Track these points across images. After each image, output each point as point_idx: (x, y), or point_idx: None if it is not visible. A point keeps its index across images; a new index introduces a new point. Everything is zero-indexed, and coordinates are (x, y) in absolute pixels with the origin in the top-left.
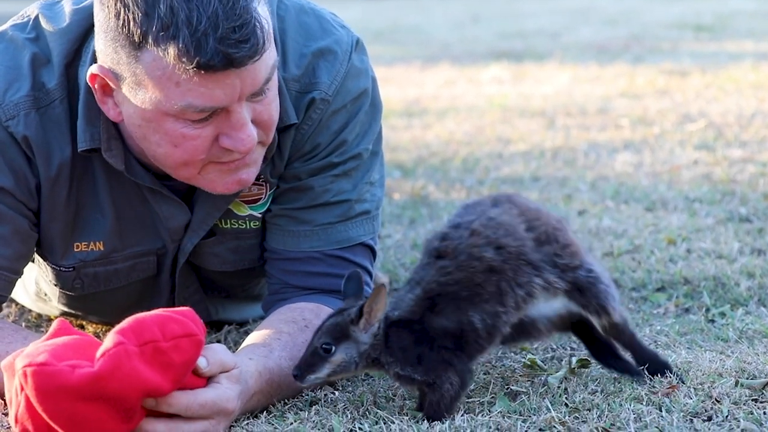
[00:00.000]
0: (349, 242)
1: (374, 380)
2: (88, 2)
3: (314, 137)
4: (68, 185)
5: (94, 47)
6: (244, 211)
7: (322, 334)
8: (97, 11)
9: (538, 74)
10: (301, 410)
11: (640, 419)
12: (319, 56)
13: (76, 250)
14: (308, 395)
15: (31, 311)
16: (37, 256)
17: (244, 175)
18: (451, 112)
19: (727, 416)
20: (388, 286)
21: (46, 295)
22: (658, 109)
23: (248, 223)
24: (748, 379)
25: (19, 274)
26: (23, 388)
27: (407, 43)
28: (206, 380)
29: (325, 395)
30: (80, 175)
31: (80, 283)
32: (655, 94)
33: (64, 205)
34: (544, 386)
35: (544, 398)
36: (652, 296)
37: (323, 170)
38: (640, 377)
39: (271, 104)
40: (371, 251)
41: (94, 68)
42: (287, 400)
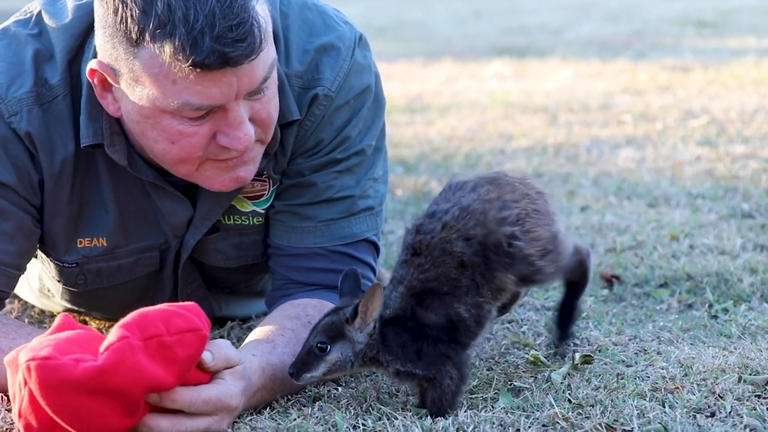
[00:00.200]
0: (352, 238)
1: (377, 376)
2: None
3: (317, 133)
4: (71, 181)
5: None
6: (247, 207)
7: (317, 333)
8: (96, 7)
9: (540, 70)
10: (304, 406)
11: (643, 415)
12: (322, 52)
13: (79, 245)
14: (311, 391)
15: (33, 307)
16: (39, 252)
17: (242, 172)
18: (453, 108)
19: (730, 412)
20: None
21: (49, 291)
22: (660, 105)
23: (251, 219)
24: (751, 375)
25: (22, 270)
26: (27, 382)
27: (409, 39)
28: (210, 375)
29: (328, 391)
30: (83, 170)
31: (83, 279)
32: (657, 90)
33: (67, 201)
34: (547, 382)
35: (547, 394)
36: (654, 292)
37: (326, 166)
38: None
39: (269, 103)
40: (375, 247)
41: (92, 63)
42: (290, 396)
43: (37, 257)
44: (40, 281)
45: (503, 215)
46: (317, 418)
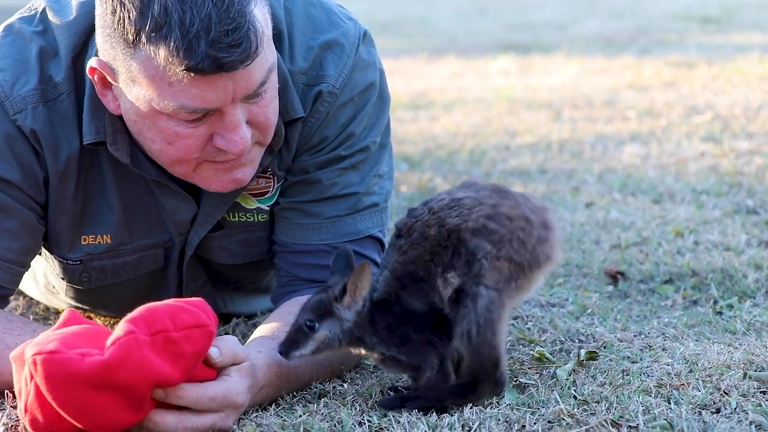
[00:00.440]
0: (357, 235)
1: (383, 373)
2: None
3: (322, 130)
4: (76, 178)
5: None
6: (251, 204)
7: (306, 310)
8: (96, 5)
9: (544, 66)
10: (309, 403)
11: (648, 411)
12: (326, 49)
13: (83, 243)
14: (317, 388)
15: (38, 304)
16: (44, 249)
17: (239, 174)
18: (457, 104)
19: (735, 408)
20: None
21: (54, 288)
22: (664, 101)
23: (256, 216)
24: (756, 371)
25: (26, 267)
26: (33, 376)
27: (413, 35)
28: (217, 372)
29: (333, 388)
30: (88, 168)
31: (87, 276)
32: (661, 86)
33: (71, 198)
34: (552, 378)
35: (552, 391)
36: (659, 288)
37: (331, 163)
38: None
39: (268, 106)
40: (380, 244)
41: (92, 61)
42: (296, 392)
43: (41, 254)
44: (45, 278)
45: (488, 225)
46: (323, 414)
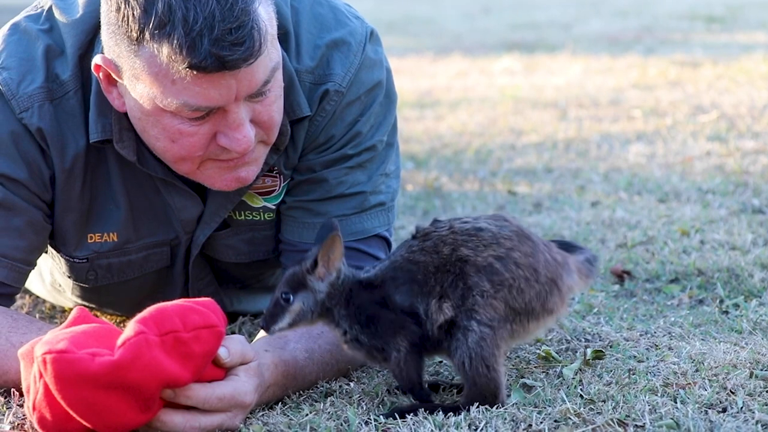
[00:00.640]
0: (364, 234)
1: (389, 373)
2: None
3: (328, 129)
4: (82, 177)
5: None
6: (258, 202)
7: (281, 284)
8: (102, 2)
9: (550, 65)
10: (316, 401)
11: (655, 410)
12: (333, 47)
13: (90, 241)
14: (323, 387)
15: (44, 302)
16: (50, 247)
17: (243, 173)
18: (463, 103)
19: (741, 407)
20: None
21: (60, 286)
22: (670, 100)
23: (262, 214)
24: (762, 370)
25: (32, 265)
26: (42, 375)
27: (419, 34)
28: (225, 371)
29: (340, 387)
30: (94, 166)
31: (94, 274)
32: (667, 85)
33: (78, 196)
34: (558, 378)
35: (559, 390)
36: (665, 288)
37: (338, 162)
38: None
39: (272, 105)
40: (386, 243)
41: (97, 58)
42: (302, 391)
43: (47, 252)
44: (51, 276)
45: (494, 265)
46: (329, 413)
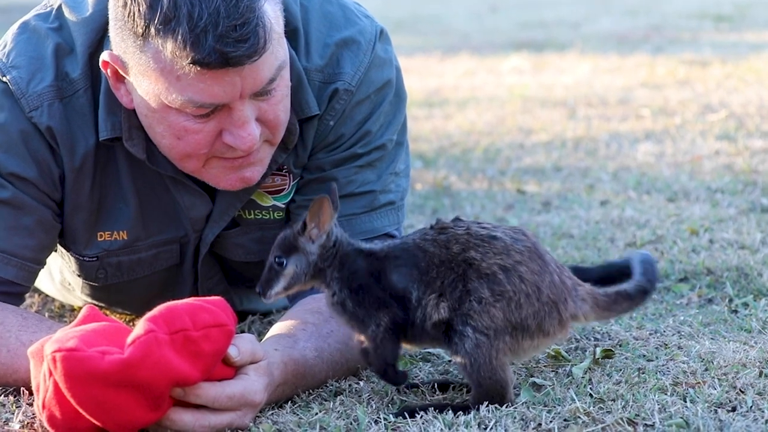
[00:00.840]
0: (373, 233)
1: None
2: None
3: (338, 128)
4: (92, 175)
5: None
6: (267, 201)
7: (274, 248)
8: None
9: (558, 64)
10: (325, 400)
11: (664, 410)
12: (342, 46)
13: (99, 239)
14: (333, 386)
15: (54, 301)
16: (60, 246)
17: (248, 173)
18: (471, 102)
19: (751, 407)
20: None
21: (70, 284)
22: (678, 99)
23: (272, 213)
24: None
25: (42, 264)
26: (52, 373)
27: (427, 33)
28: (235, 370)
29: (349, 385)
30: (104, 164)
31: (104, 273)
32: (675, 84)
33: (88, 194)
34: (568, 377)
35: (568, 389)
36: (675, 287)
37: (347, 161)
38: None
39: (278, 104)
40: None
41: (105, 55)
42: (312, 390)
43: (57, 251)
44: (61, 274)
45: (497, 275)
46: (338, 412)
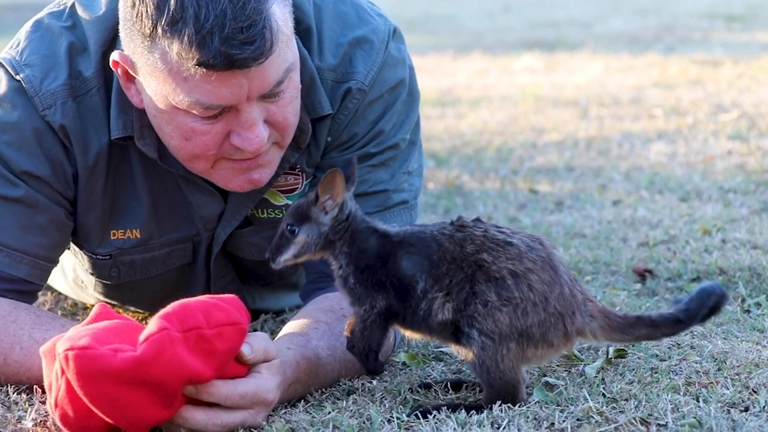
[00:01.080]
0: None
1: (412, 370)
2: None
3: (351, 127)
4: (105, 174)
5: None
6: (280, 200)
7: (287, 216)
8: None
9: (570, 64)
10: (338, 399)
11: (677, 409)
12: (355, 45)
13: (112, 237)
14: (346, 384)
15: (67, 299)
16: (73, 244)
17: (256, 175)
18: (484, 101)
19: (764, 407)
20: None
21: (83, 282)
22: (690, 99)
23: (284, 212)
24: None
25: (54, 263)
26: (64, 371)
27: (439, 32)
28: (247, 368)
29: (362, 384)
30: (117, 163)
31: (117, 271)
32: (687, 84)
33: (101, 193)
34: (581, 376)
35: (581, 388)
36: (687, 286)
37: (360, 160)
38: None
39: (287, 106)
40: None
41: (115, 54)
42: (325, 389)
43: (70, 249)
44: (74, 272)
45: (506, 281)
46: (351, 411)
